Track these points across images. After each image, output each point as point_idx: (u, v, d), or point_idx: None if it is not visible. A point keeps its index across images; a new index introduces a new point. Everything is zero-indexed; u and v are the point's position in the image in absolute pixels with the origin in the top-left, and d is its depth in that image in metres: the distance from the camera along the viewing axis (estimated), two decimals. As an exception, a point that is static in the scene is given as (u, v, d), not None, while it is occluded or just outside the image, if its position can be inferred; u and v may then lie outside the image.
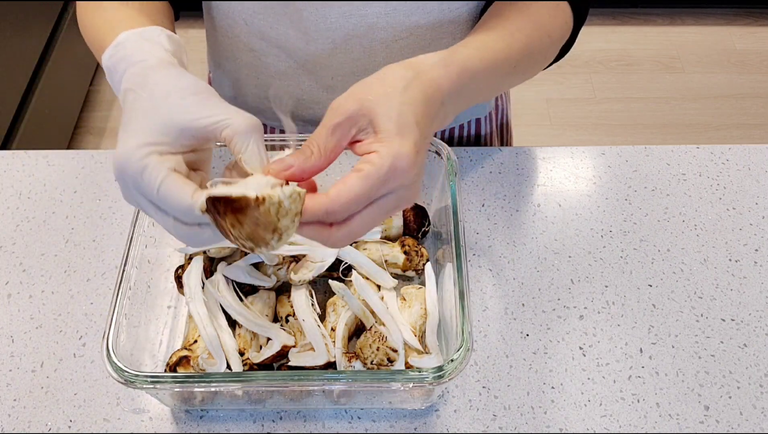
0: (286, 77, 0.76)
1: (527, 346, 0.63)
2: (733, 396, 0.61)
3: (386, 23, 0.68)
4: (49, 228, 0.72)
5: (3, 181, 0.76)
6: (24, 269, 0.69)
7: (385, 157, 0.43)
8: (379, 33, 0.69)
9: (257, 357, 0.57)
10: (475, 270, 0.68)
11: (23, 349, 0.63)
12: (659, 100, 2.10)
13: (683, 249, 0.71)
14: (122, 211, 0.73)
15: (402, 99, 0.46)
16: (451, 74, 0.50)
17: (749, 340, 0.64)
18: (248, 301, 0.61)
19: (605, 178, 0.77)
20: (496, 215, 0.73)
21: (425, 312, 0.60)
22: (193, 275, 0.60)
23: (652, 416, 0.59)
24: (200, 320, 0.58)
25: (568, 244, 0.71)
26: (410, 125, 0.45)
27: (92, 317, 0.65)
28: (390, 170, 0.43)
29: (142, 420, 0.59)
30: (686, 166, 0.78)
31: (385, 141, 0.44)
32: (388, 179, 0.43)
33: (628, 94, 2.12)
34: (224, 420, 0.59)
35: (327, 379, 0.51)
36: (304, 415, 0.59)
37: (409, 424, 0.59)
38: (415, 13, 0.68)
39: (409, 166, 0.43)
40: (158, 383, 0.51)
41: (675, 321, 0.65)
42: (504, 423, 0.59)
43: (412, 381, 0.50)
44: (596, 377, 0.62)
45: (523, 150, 0.79)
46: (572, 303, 0.66)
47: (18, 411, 0.59)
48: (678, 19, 2.34)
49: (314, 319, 0.58)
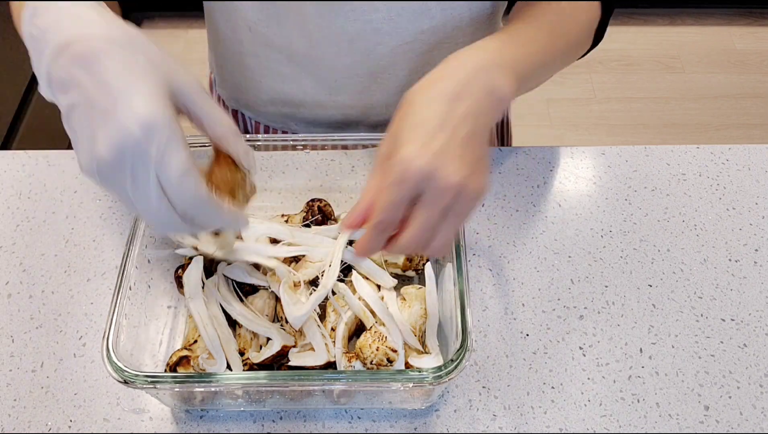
0: (289, 80, 0.76)
1: (527, 346, 0.63)
2: (733, 396, 0.61)
3: (390, 28, 0.68)
4: (49, 228, 0.72)
5: (3, 181, 0.76)
6: (24, 269, 0.69)
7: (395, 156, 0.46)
8: (383, 37, 0.69)
9: (257, 357, 0.57)
10: (475, 270, 0.68)
11: (23, 349, 0.63)
12: (659, 100, 2.10)
13: (683, 249, 0.71)
14: (122, 211, 0.73)
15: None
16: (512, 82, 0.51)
17: (749, 340, 0.64)
18: (248, 301, 0.61)
19: (605, 178, 0.77)
20: (496, 215, 0.73)
21: (425, 312, 0.60)
22: (193, 275, 0.60)
23: (652, 416, 0.59)
24: (200, 320, 0.58)
25: (568, 244, 0.71)
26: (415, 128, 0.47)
27: (92, 317, 0.65)
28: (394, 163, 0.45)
29: (142, 420, 0.59)
30: (686, 166, 0.78)
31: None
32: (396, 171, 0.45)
33: (628, 94, 2.12)
34: (224, 420, 0.59)
35: (327, 379, 0.52)
36: (304, 415, 0.59)
37: (409, 424, 0.59)
38: (419, 18, 0.68)
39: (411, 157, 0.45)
40: (158, 383, 0.51)
41: (675, 321, 0.65)
42: (504, 423, 0.59)
43: (412, 381, 0.50)
44: (596, 377, 0.62)
45: (523, 150, 0.79)
46: (572, 303, 0.66)
47: (18, 411, 0.60)
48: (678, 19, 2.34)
49: (314, 319, 0.58)
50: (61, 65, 0.41)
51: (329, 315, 0.60)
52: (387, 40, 0.69)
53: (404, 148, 0.46)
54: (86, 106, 0.41)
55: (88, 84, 0.40)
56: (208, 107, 0.46)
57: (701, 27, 2.32)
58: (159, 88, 0.41)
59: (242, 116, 0.86)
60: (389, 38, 0.69)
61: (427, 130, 0.46)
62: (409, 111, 0.48)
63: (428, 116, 0.47)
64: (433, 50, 0.72)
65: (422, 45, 0.71)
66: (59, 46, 0.41)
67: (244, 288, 0.62)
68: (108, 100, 0.40)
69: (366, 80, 0.74)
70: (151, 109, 0.40)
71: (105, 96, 0.40)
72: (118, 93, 0.40)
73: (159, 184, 0.41)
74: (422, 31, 0.69)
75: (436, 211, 0.46)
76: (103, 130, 0.40)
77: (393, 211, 0.46)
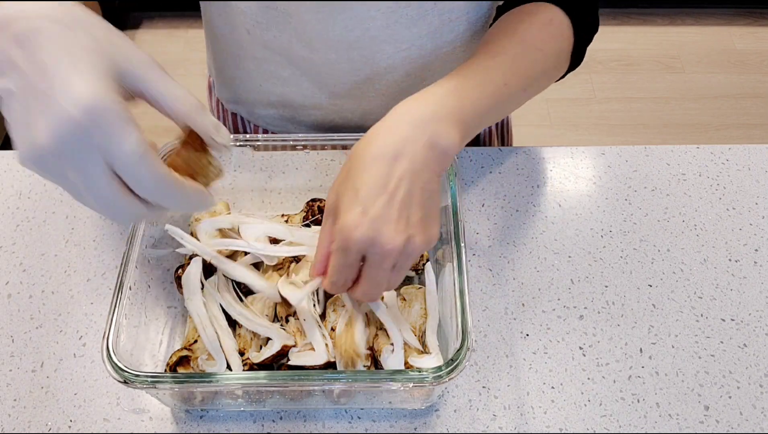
0: (288, 83, 0.76)
1: (527, 346, 0.63)
2: (733, 396, 0.61)
3: (388, 35, 0.68)
4: (49, 228, 0.72)
5: (3, 181, 0.77)
6: (24, 269, 0.69)
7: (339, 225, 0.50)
8: (381, 45, 0.69)
9: (257, 357, 0.57)
10: (475, 270, 0.68)
11: (23, 349, 0.63)
12: (659, 100, 2.10)
13: (683, 249, 0.71)
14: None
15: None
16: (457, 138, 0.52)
17: (749, 340, 0.64)
18: (248, 301, 0.61)
19: (605, 178, 0.77)
20: (496, 215, 0.73)
21: (425, 312, 0.60)
22: (193, 275, 0.60)
23: (652, 416, 0.59)
24: (200, 320, 0.58)
25: (568, 244, 0.71)
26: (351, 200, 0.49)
27: (92, 317, 0.65)
28: (337, 231, 0.49)
29: (142, 420, 0.59)
30: (686, 166, 0.78)
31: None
32: (339, 239, 0.49)
33: (628, 94, 2.12)
34: (224, 420, 0.59)
35: (327, 379, 0.51)
36: (304, 415, 0.59)
37: (409, 424, 0.59)
38: (416, 25, 0.68)
39: (351, 227, 0.48)
40: (158, 383, 0.51)
41: (675, 321, 0.65)
42: (504, 423, 0.59)
43: (412, 381, 0.50)
44: (596, 377, 0.62)
45: (522, 150, 0.79)
46: (572, 303, 0.66)
47: (18, 411, 0.60)
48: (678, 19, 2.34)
49: (315, 319, 0.58)
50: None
51: (329, 315, 0.60)
52: (385, 47, 0.70)
53: (345, 215, 0.48)
54: (23, 90, 0.37)
55: (26, 66, 0.37)
56: (165, 84, 0.42)
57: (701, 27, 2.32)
58: (102, 67, 0.38)
59: (241, 119, 0.86)
60: (387, 45, 0.70)
61: (366, 195, 0.48)
62: (352, 168, 0.50)
63: (367, 180, 0.48)
64: (430, 55, 0.72)
65: (420, 51, 0.71)
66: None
67: (244, 288, 0.62)
68: (45, 83, 0.37)
69: (365, 85, 0.74)
70: (93, 89, 0.36)
71: (42, 78, 0.37)
72: (55, 74, 0.37)
73: (109, 170, 0.38)
74: (420, 37, 0.70)
75: (381, 270, 0.49)
76: (42, 116, 0.36)
77: (342, 273, 0.50)
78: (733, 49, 2.25)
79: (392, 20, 0.67)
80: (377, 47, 0.70)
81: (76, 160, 0.37)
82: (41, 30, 0.38)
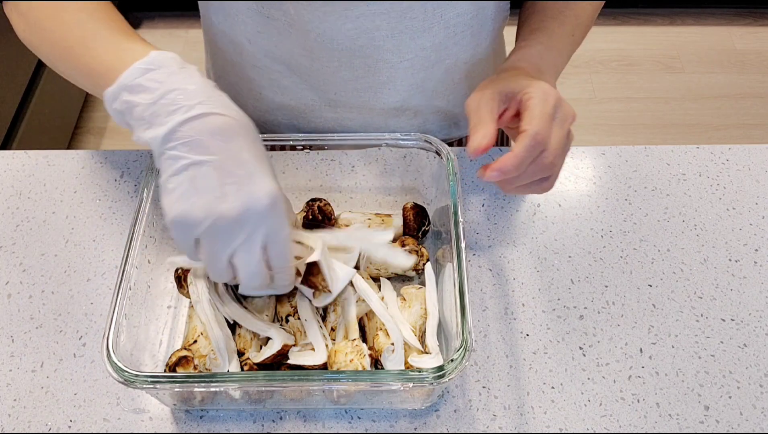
0: (289, 91, 0.76)
1: (527, 346, 0.63)
2: (733, 396, 0.61)
3: (392, 45, 0.68)
4: (49, 228, 0.72)
5: (3, 181, 0.77)
6: (24, 269, 0.69)
7: (536, 87, 0.56)
8: (384, 54, 0.69)
9: (257, 357, 0.57)
10: (475, 270, 0.68)
11: (23, 349, 0.63)
12: (659, 100, 2.10)
13: (683, 249, 0.71)
14: (122, 211, 0.73)
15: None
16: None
17: (749, 340, 0.64)
18: (248, 301, 0.61)
19: (605, 178, 0.77)
20: (496, 215, 0.73)
21: (425, 312, 0.60)
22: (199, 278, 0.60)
23: (652, 416, 0.59)
24: (208, 322, 0.58)
25: (568, 244, 0.71)
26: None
27: (92, 317, 0.65)
28: (544, 92, 0.56)
29: (142, 420, 0.59)
30: (686, 166, 0.78)
31: (528, 87, 0.57)
32: (547, 97, 0.55)
33: (628, 94, 2.12)
34: (224, 420, 0.59)
35: (327, 379, 0.52)
36: (304, 415, 0.59)
37: (409, 424, 0.59)
38: (420, 36, 0.68)
39: (550, 88, 0.56)
40: (158, 383, 0.51)
41: (675, 321, 0.65)
42: (504, 423, 0.59)
43: (412, 381, 0.50)
44: (596, 377, 0.62)
45: (523, 150, 0.79)
46: (572, 303, 0.66)
47: (18, 411, 0.60)
48: (678, 19, 2.34)
49: (316, 319, 0.58)
50: (196, 128, 0.47)
51: (329, 315, 0.60)
52: (388, 57, 0.70)
53: (536, 82, 0.58)
54: (215, 168, 0.47)
55: (222, 152, 0.47)
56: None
57: (701, 27, 2.32)
58: (272, 171, 0.50)
59: None
60: (390, 54, 0.70)
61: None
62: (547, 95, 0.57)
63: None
64: (433, 66, 0.72)
65: (423, 62, 0.71)
66: (198, 114, 0.48)
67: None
68: (242, 171, 0.48)
69: (366, 94, 0.74)
70: (275, 186, 0.49)
71: (239, 166, 0.48)
72: (252, 168, 0.48)
73: (264, 245, 0.49)
74: (423, 49, 0.70)
75: (566, 121, 0.57)
76: (235, 193, 0.47)
77: (548, 122, 0.55)
78: (733, 49, 2.25)
79: (398, 30, 0.67)
80: (380, 56, 0.70)
81: (244, 231, 0.48)
82: (237, 129, 0.49)
